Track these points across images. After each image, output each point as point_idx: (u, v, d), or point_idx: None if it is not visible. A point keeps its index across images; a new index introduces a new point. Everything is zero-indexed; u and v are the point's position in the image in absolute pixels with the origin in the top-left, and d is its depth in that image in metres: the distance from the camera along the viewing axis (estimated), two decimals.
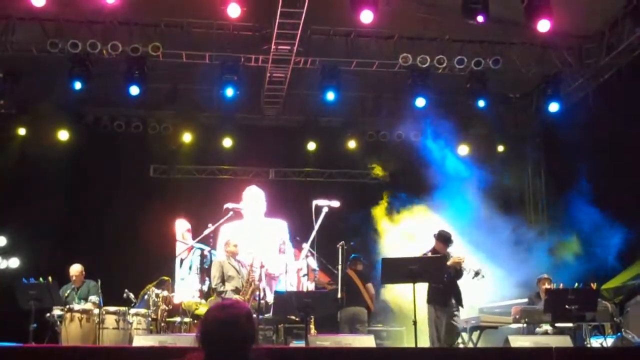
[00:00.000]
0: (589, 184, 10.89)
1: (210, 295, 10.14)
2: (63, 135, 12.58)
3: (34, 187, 12.04)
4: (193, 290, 11.29)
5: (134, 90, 11.08)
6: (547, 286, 9.10)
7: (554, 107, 11.88)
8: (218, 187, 13.10)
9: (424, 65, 11.10)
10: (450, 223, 10.43)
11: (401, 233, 11.57)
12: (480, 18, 9.32)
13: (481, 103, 11.81)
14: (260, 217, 13.15)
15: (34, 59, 10.92)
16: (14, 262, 11.96)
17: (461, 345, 8.51)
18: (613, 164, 10.85)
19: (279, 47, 10.78)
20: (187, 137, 12.98)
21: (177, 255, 12.09)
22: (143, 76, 11.01)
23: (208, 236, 9.86)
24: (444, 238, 8.66)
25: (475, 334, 9.24)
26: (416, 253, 8.74)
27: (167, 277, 10.50)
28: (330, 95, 11.47)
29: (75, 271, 9.69)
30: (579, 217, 10.72)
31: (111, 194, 12.32)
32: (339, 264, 9.20)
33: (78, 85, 10.87)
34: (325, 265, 10.17)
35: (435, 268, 7.86)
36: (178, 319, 9.56)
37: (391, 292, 11.08)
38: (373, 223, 12.01)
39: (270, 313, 9.12)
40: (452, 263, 8.44)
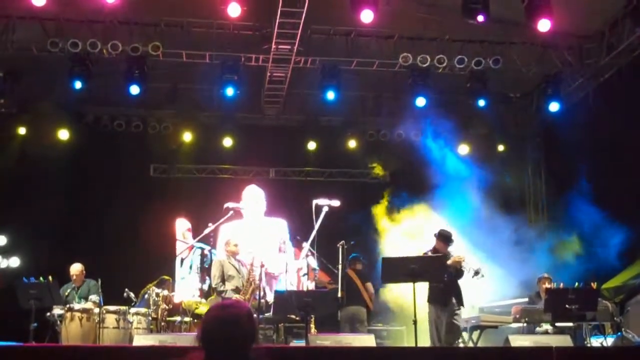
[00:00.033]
0: (589, 184, 10.89)
1: (210, 294, 10.16)
2: (63, 134, 12.58)
3: (34, 187, 12.05)
4: (193, 289, 11.30)
5: (134, 89, 11.08)
6: (548, 285, 9.09)
7: (554, 107, 11.88)
8: (218, 187, 13.10)
9: (424, 64, 11.10)
10: (450, 222, 10.41)
11: (401, 232, 11.57)
12: (480, 18, 9.32)
13: (481, 103, 11.81)
14: (260, 217, 13.15)
15: (34, 59, 10.93)
16: (15, 262, 11.96)
17: (461, 344, 8.50)
18: (613, 164, 10.85)
19: (279, 47, 10.78)
20: (187, 137, 12.98)
21: (178, 254, 12.09)
22: (143, 76, 11.02)
23: (208, 235, 9.86)
24: (445, 237, 8.67)
25: (475, 334, 9.25)
26: (416, 252, 8.74)
27: (168, 277, 10.51)
28: (330, 94, 11.46)
29: (75, 270, 9.69)
30: (579, 217, 10.72)
31: (111, 194, 12.33)
32: (339, 264, 9.21)
33: (78, 84, 10.88)
34: (325, 264, 10.17)
35: (435, 267, 7.86)
36: (178, 319, 9.57)
37: (391, 292, 11.07)
38: (373, 222, 12.00)
39: (270, 312, 9.11)
40: (452, 262, 8.44)
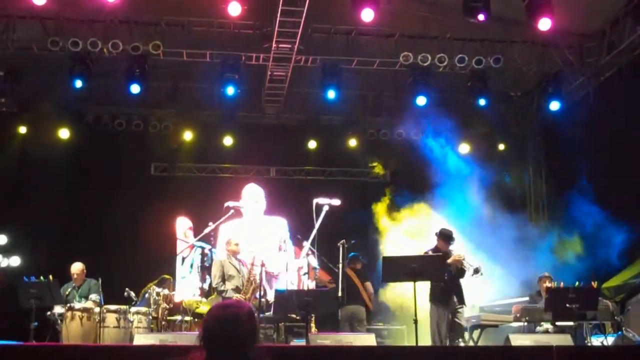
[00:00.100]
0: (590, 183, 10.89)
1: (211, 293, 10.14)
2: (64, 133, 12.59)
3: (35, 186, 12.06)
4: (194, 288, 11.27)
5: (135, 88, 11.09)
6: (548, 285, 9.08)
7: (555, 106, 11.87)
8: (219, 186, 13.10)
9: (425, 63, 11.09)
10: (451, 222, 10.41)
11: (402, 232, 11.57)
12: (481, 16, 9.32)
13: (482, 101, 11.81)
14: (259, 215, 13.15)
15: (35, 58, 10.93)
16: (15, 261, 11.96)
17: (462, 343, 8.50)
18: (614, 163, 10.84)
19: (280, 46, 10.78)
20: (188, 136, 12.99)
21: (179, 253, 12.08)
22: (144, 75, 11.02)
23: (209, 234, 9.85)
24: (446, 236, 8.67)
25: (475, 333, 9.24)
26: (417, 251, 8.73)
27: (168, 276, 10.51)
28: (331, 93, 11.46)
29: (76, 269, 9.68)
30: (580, 216, 10.73)
31: (112, 193, 12.33)
32: (340, 263, 9.21)
33: (79, 83, 10.88)
34: (326, 263, 10.17)
35: (435, 266, 7.86)
36: (179, 318, 9.57)
37: (392, 291, 11.08)
38: (374, 221, 12.01)
39: (271, 311, 9.10)
40: (453, 261, 8.44)
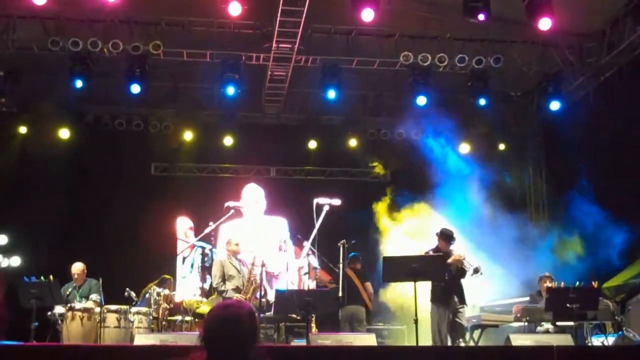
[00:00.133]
0: (590, 183, 10.88)
1: (211, 293, 10.14)
2: (64, 133, 12.59)
3: (35, 186, 12.05)
4: (194, 288, 11.27)
5: (135, 88, 11.08)
6: (549, 284, 9.08)
7: (555, 106, 11.88)
8: (219, 186, 13.09)
9: (425, 63, 11.09)
10: (451, 221, 10.41)
11: (402, 232, 11.57)
12: (481, 16, 9.31)
13: (482, 101, 11.81)
14: (260, 215, 13.14)
15: (35, 58, 10.93)
16: (15, 261, 11.96)
17: (462, 343, 8.51)
18: (614, 163, 10.84)
19: (280, 46, 10.78)
20: (188, 136, 12.99)
21: (179, 253, 12.09)
22: (144, 74, 11.02)
23: (209, 234, 9.85)
24: (446, 236, 8.68)
25: (476, 333, 9.23)
26: (418, 251, 8.73)
27: (169, 276, 10.51)
28: (331, 93, 11.45)
29: (77, 269, 9.68)
30: (580, 216, 10.72)
31: (112, 193, 12.32)
32: (340, 263, 9.21)
33: (79, 83, 10.87)
34: (326, 263, 10.17)
35: (436, 266, 7.86)
36: (179, 318, 9.56)
37: (392, 291, 11.08)
38: (374, 221, 12.01)
39: (271, 311, 9.10)
40: (453, 261, 8.45)
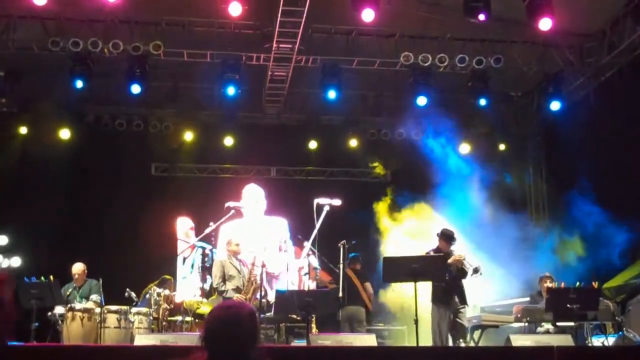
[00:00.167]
0: (590, 183, 10.87)
1: (211, 294, 10.15)
2: (64, 134, 12.58)
3: (35, 186, 12.05)
4: (194, 288, 11.28)
5: (135, 88, 11.08)
6: (549, 285, 9.08)
7: (555, 106, 11.87)
8: (219, 186, 13.09)
9: (426, 63, 11.08)
10: (451, 222, 10.41)
11: (403, 232, 11.56)
12: (481, 16, 9.31)
13: (482, 101, 11.81)
14: (260, 216, 13.13)
15: (35, 58, 10.92)
16: (16, 261, 11.96)
17: (463, 344, 8.50)
18: (614, 163, 10.83)
19: (281, 46, 10.78)
20: (189, 136, 12.98)
21: (180, 253, 12.08)
22: (144, 75, 11.01)
23: (209, 235, 9.84)
24: (447, 236, 8.68)
25: (476, 333, 9.23)
26: (418, 252, 8.73)
27: (169, 276, 10.50)
28: (331, 93, 11.45)
29: (77, 270, 9.68)
30: (581, 216, 10.71)
31: (112, 193, 12.32)
32: (340, 263, 9.21)
33: (79, 83, 10.87)
34: (326, 264, 10.17)
35: (436, 267, 7.86)
36: (179, 318, 9.56)
37: (392, 292, 11.07)
38: (374, 222, 12.00)
39: (271, 312, 9.10)
40: (453, 261, 8.45)
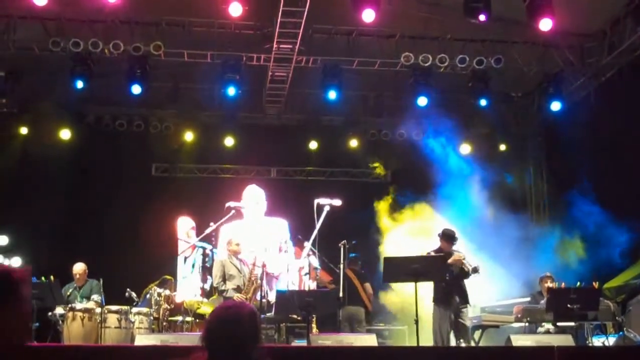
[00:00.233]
0: (591, 183, 10.87)
1: (212, 294, 10.15)
2: (65, 134, 12.59)
3: (36, 186, 12.06)
4: (195, 288, 11.28)
5: (136, 89, 11.08)
6: (550, 285, 9.08)
7: (556, 106, 11.87)
8: (220, 186, 13.08)
9: (426, 64, 11.08)
10: (452, 222, 10.39)
11: (403, 232, 11.56)
12: (482, 17, 9.31)
13: (483, 102, 11.80)
14: (260, 216, 13.12)
15: (36, 58, 10.93)
16: (16, 261, 11.94)
17: (463, 344, 8.50)
18: (614, 163, 10.84)
19: (281, 46, 10.78)
20: (189, 136, 12.99)
21: (180, 253, 12.08)
22: (145, 75, 11.02)
23: (210, 235, 9.85)
24: (448, 236, 8.67)
25: (477, 333, 9.22)
26: (419, 252, 8.72)
27: (170, 276, 10.51)
28: (331, 94, 11.45)
29: (78, 270, 9.69)
30: (581, 216, 10.71)
31: (113, 193, 12.32)
32: (341, 263, 9.21)
33: (80, 84, 10.87)
34: (327, 264, 10.17)
35: (437, 267, 7.85)
36: (180, 318, 9.56)
37: (393, 291, 11.05)
38: (375, 222, 12.00)
39: (272, 312, 9.11)
40: (453, 261, 8.43)
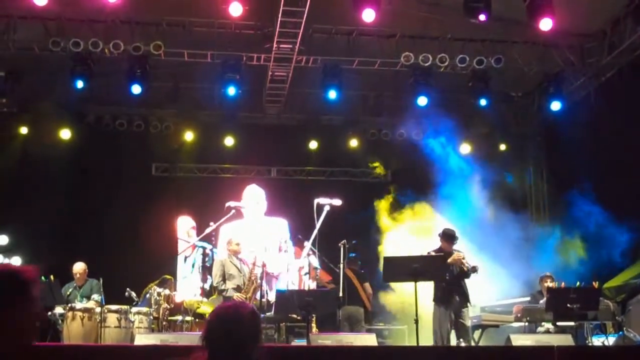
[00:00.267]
0: (590, 183, 10.87)
1: (212, 293, 10.15)
2: (65, 134, 12.60)
3: (36, 186, 12.06)
4: (195, 288, 11.28)
5: (136, 89, 11.09)
6: (550, 284, 9.08)
7: (556, 106, 11.88)
8: (220, 186, 13.09)
9: (426, 63, 11.08)
10: (452, 222, 10.40)
11: (403, 232, 11.56)
12: (482, 17, 9.32)
13: (483, 102, 11.81)
14: (260, 217, 13.13)
15: (36, 58, 10.93)
16: (16, 261, 11.94)
17: (463, 344, 8.50)
18: (614, 163, 10.83)
19: (281, 46, 10.78)
20: (189, 136, 13.00)
21: (180, 252, 12.09)
22: (145, 75, 11.02)
23: (210, 234, 9.85)
24: (448, 236, 8.66)
25: (476, 333, 9.22)
26: (419, 252, 8.73)
27: (169, 276, 10.51)
28: (331, 93, 11.46)
29: (78, 269, 9.70)
30: (581, 216, 10.71)
31: (113, 193, 12.32)
32: (341, 263, 9.21)
33: (80, 84, 10.88)
34: (327, 263, 10.18)
35: (436, 266, 7.86)
36: (180, 318, 9.57)
37: (392, 291, 11.06)
38: (375, 222, 12.00)
39: (271, 312, 9.11)
40: (453, 260, 8.43)
